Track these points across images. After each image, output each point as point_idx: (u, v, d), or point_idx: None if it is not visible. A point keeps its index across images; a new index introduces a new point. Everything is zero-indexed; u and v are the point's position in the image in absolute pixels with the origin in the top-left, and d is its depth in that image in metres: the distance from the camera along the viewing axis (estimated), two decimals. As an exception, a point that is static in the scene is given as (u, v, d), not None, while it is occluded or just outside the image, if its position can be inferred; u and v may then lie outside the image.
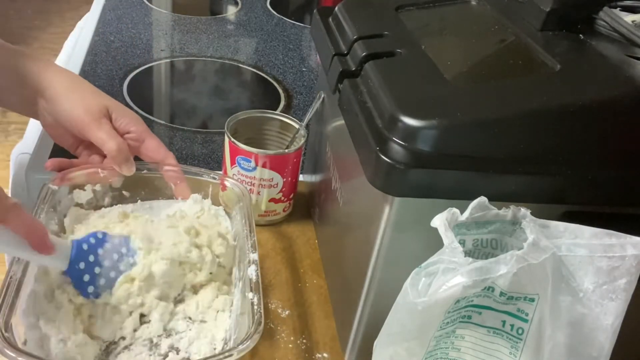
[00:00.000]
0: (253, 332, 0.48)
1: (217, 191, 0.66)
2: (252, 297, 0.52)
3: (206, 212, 0.64)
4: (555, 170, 0.46)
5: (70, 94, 0.59)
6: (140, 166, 0.63)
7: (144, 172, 0.64)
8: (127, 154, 0.60)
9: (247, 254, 0.57)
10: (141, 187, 0.66)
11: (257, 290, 0.52)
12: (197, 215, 0.64)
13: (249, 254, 0.56)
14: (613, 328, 0.41)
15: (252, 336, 0.48)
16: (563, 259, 0.41)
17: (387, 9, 0.63)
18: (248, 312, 0.51)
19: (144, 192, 0.66)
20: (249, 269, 0.55)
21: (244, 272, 0.56)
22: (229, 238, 0.62)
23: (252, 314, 0.50)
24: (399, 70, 0.52)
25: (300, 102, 1.06)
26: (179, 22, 1.34)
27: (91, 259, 0.54)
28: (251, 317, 0.50)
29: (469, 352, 0.45)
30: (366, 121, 0.48)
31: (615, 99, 0.46)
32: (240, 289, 0.56)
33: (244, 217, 0.61)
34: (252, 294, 0.52)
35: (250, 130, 0.74)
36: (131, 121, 0.61)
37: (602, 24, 0.55)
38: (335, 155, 0.64)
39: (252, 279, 0.54)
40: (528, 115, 0.45)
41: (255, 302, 0.51)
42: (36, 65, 0.59)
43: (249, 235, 0.58)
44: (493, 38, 0.58)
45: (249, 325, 0.49)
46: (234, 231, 0.63)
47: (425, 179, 0.44)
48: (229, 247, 0.60)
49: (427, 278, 0.40)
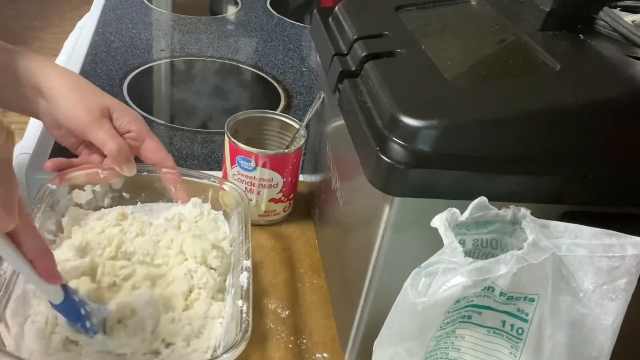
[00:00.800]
0: (240, 339, 0.48)
1: (217, 194, 0.66)
2: (241, 305, 0.52)
3: (205, 217, 0.64)
4: (555, 170, 0.46)
5: (71, 93, 0.59)
6: (140, 168, 0.63)
7: (145, 173, 0.64)
8: (127, 154, 0.60)
9: (240, 260, 0.57)
10: (141, 189, 0.66)
11: (247, 299, 0.52)
12: (196, 219, 0.64)
13: (242, 261, 0.56)
14: (613, 328, 0.41)
15: (239, 344, 0.48)
16: (563, 259, 0.41)
17: (387, 9, 0.63)
18: (236, 320, 0.51)
19: (144, 194, 0.66)
20: (241, 276, 0.55)
21: (236, 279, 0.56)
22: (225, 246, 0.62)
23: (240, 322, 0.50)
24: (399, 70, 0.52)
25: (300, 102, 1.06)
26: (179, 22, 1.34)
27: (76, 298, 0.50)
28: (239, 325, 0.50)
29: (469, 352, 0.45)
30: (366, 121, 0.48)
31: (615, 99, 0.46)
32: (232, 296, 0.56)
33: (241, 223, 0.61)
34: (241, 301, 0.52)
35: (250, 130, 0.74)
36: (132, 120, 0.61)
37: (602, 24, 0.55)
38: (335, 155, 0.64)
39: (243, 286, 0.54)
40: (528, 115, 0.45)
41: (244, 310, 0.51)
42: (36, 65, 0.59)
43: (244, 242, 0.58)
44: (493, 38, 0.58)
45: (236, 333, 0.49)
46: (231, 237, 0.63)
47: (425, 179, 0.44)
48: (224, 258, 0.60)
49: (427, 278, 0.40)
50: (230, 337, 0.51)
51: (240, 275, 0.55)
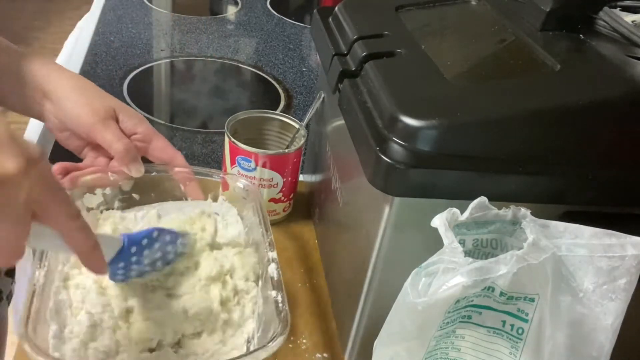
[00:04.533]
0: (280, 332, 0.47)
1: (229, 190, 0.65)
2: (275, 296, 0.51)
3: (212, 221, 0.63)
4: (555, 170, 0.46)
5: (76, 95, 0.59)
6: (149, 168, 0.63)
7: (153, 174, 0.63)
8: (135, 155, 0.60)
9: (265, 252, 0.56)
10: (151, 189, 0.66)
11: (280, 289, 0.51)
12: None
13: (267, 253, 0.56)
14: (613, 328, 0.41)
15: (282, 333, 0.46)
16: (563, 259, 0.41)
17: (387, 9, 0.63)
18: (272, 311, 0.50)
19: (153, 194, 0.66)
20: (270, 267, 0.54)
21: (264, 271, 0.55)
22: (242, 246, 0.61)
23: (278, 312, 0.49)
24: (399, 70, 0.52)
25: (300, 102, 1.06)
26: (179, 22, 1.34)
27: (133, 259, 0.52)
28: (277, 316, 0.49)
29: (469, 352, 0.45)
30: (366, 121, 0.48)
31: (615, 99, 0.46)
32: (261, 289, 0.55)
33: (257, 215, 0.60)
34: (275, 292, 0.51)
35: (250, 130, 0.74)
36: (138, 122, 0.61)
37: (602, 24, 0.55)
38: (335, 155, 0.64)
39: (274, 277, 0.53)
40: (528, 115, 0.45)
41: (279, 300, 0.50)
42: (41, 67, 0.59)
43: (266, 234, 0.58)
44: (493, 38, 0.58)
45: (275, 326, 0.48)
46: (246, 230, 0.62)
47: (425, 179, 0.44)
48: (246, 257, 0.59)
49: (427, 278, 0.40)
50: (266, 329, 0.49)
51: (269, 266, 0.54)
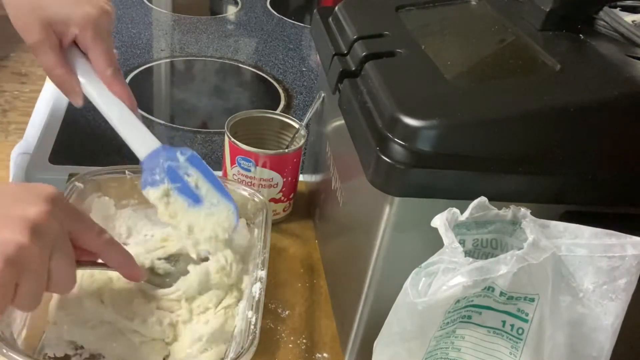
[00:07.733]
0: (245, 350, 0.48)
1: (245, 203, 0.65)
2: (250, 317, 0.52)
3: None
4: (555, 170, 0.46)
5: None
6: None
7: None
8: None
9: (255, 270, 0.56)
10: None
11: (257, 311, 0.52)
12: None
13: (256, 271, 0.56)
14: (613, 328, 0.41)
15: (243, 356, 0.48)
16: (563, 259, 0.41)
17: (387, 9, 0.63)
18: (244, 330, 0.51)
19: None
20: (254, 287, 0.54)
21: (249, 289, 0.55)
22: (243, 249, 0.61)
23: (248, 333, 0.50)
24: (399, 70, 0.52)
25: (300, 102, 1.06)
26: (179, 22, 1.34)
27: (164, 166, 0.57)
28: (246, 336, 0.50)
29: (469, 352, 0.45)
30: (366, 121, 0.48)
31: (615, 99, 0.46)
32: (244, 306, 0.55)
33: (261, 231, 0.60)
34: (251, 312, 0.52)
35: (250, 130, 0.74)
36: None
37: (602, 24, 0.55)
38: (335, 155, 0.64)
39: (255, 297, 0.53)
40: (528, 115, 0.45)
41: (252, 322, 0.51)
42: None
43: (262, 251, 0.58)
44: (493, 38, 0.58)
45: (243, 345, 0.49)
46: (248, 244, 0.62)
47: (425, 179, 0.44)
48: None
49: (427, 278, 0.40)
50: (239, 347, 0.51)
51: (254, 285, 0.55)
